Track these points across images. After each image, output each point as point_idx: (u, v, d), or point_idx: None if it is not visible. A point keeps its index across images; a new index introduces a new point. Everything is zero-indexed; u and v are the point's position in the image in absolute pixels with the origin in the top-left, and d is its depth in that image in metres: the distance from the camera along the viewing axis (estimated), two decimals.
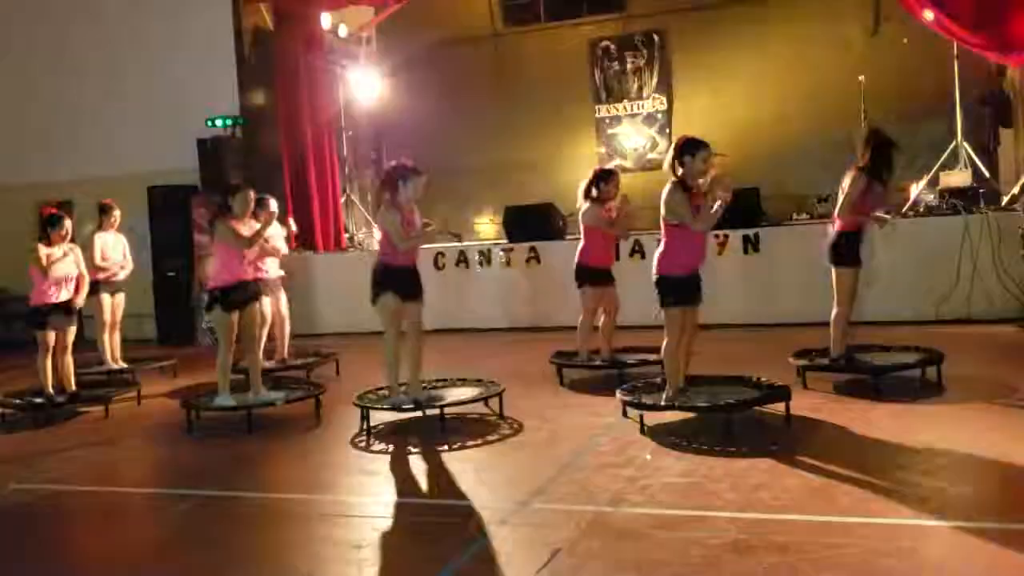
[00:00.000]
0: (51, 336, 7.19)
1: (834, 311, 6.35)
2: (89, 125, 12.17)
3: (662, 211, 5.52)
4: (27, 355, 7.69)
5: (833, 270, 6.32)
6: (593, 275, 7.16)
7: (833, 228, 6.37)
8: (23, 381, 8.17)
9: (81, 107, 12.22)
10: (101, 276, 8.41)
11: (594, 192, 7.10)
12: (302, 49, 11.93)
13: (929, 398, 5.95)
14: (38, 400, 7.26)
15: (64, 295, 7.20)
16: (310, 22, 12.08)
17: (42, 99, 12.46)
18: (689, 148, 5.42)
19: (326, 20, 12.41)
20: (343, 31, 13.00)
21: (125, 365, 8.74)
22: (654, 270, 5.60)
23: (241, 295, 6.50)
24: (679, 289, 5.51)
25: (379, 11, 13.26)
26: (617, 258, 7.76)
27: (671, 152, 5.49)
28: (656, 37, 13.11)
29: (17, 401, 7.37)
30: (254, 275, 6.82)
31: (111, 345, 8.69)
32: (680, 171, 5.42)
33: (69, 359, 7.38)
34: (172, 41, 11.68)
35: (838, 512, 3.98)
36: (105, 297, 8.53)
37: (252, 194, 6.64)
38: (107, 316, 8.59)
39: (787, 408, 5.43)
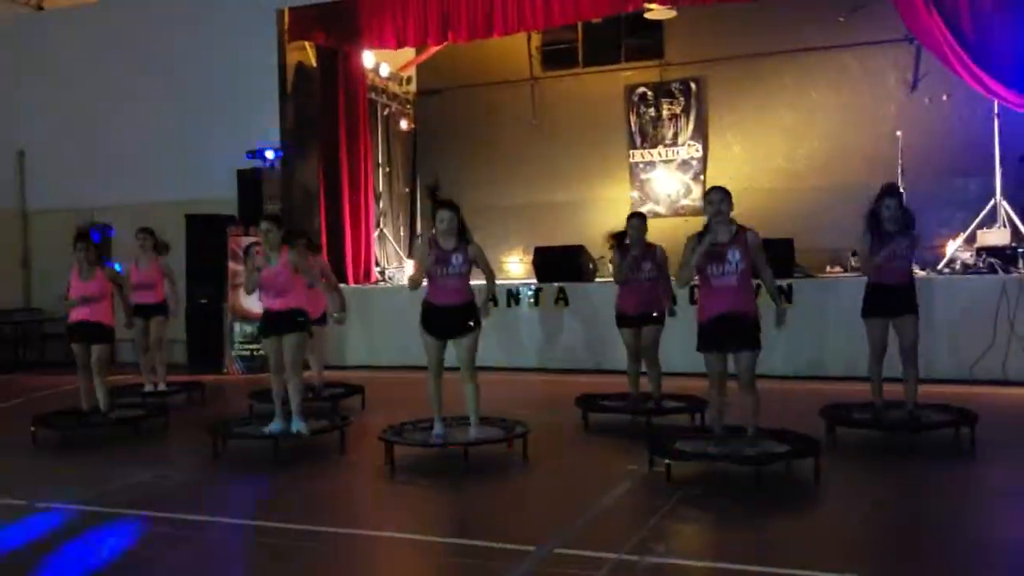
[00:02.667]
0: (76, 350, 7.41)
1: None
2: (132, 154, 12.44)
3: None
4: (63, 375, 7.80)
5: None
6: (618, 320, 7.27)
7: None
8: (57, 401, 8.25)
9: (124, 136, 12.50)
10: (136, 300, 8.57)
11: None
12: (343, 86, 12.16)
13: (962, 459, 5.84)
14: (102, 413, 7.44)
15: (86, 314, 7.34)
16: (353, 60, 12.35)
17: (87, 128, 12.75)
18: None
19: (369, 59, 12.67)
20: (384, 70, 13.26)
21: (162, 387, 8.90)
22: None
23: (264, 324, 6.70)
24: (699, 334, 5.62)
25: (420, 52, 13.52)
26: None
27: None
28: (693, 85, 13.19)
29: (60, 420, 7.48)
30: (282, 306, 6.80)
31: (150, 366, 8.91)
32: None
33: (98, 379, 7.45)
34: (217, 74, 11.96)
35: (862, 570, 3.90)
36: (139, 321, 8.69)
37: (263, 225, 6.66)
38: (140, 339, 8.76)
39: (816, 463, 5.35)
